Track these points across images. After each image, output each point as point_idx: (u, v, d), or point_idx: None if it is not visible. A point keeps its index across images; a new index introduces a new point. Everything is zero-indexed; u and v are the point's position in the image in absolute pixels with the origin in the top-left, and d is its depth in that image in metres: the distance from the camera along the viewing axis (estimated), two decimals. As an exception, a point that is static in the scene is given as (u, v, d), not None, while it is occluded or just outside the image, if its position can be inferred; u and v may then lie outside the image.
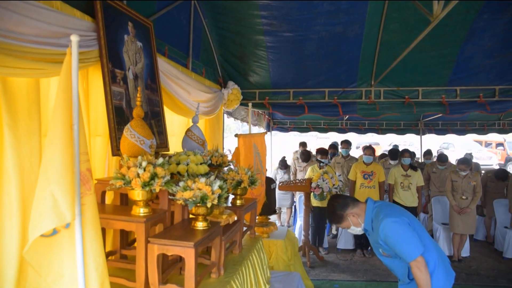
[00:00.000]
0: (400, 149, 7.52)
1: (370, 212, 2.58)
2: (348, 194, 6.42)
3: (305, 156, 7.46)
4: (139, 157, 1.98)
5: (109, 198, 2.57)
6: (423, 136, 11.02)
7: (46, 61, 1.96)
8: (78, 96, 1.53)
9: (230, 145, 8.14)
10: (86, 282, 1.56)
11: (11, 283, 1.80)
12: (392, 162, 7.29)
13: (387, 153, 8.16)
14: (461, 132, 10.76)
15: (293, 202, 7.86)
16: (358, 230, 2.65)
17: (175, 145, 3.67)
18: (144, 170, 1.92)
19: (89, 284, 1.58)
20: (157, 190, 2.00)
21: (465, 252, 6.23)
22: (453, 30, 4.59)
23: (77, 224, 1.51)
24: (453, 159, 8.49)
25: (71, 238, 1.54)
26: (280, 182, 6.06)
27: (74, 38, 1.50)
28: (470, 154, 8.36)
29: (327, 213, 2.77)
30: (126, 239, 2.60)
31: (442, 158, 7.39)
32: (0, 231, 1.79)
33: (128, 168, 1.94)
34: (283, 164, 8.13)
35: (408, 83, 5.65)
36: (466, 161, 6.07)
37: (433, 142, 8.40)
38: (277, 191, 6.34)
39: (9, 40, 1.73)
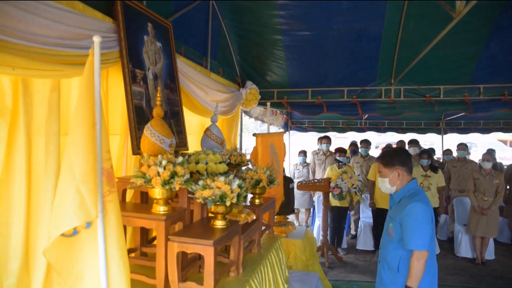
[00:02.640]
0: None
1: (408, 187, 2.56)
2: (368, 195, 6.35)
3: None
4: (159, 156, 2.01)
5: (128, 196, 2.61)
6: (444, 136, 10.78)
7: (66, 63, 2.01)
8: (100, 96, 1.56)
9: (247, 145, 8.15)
10: (109, 282, 1.58)
11: (14, 275, 1.85)
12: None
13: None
14: (485, 130, 10.48)
15: (311, 202, 7.82)
16: (388, 188, 2.61)
17: (192, 144, 3.70)
18: (164, 168, 1.95)
19: (112, 284, 1.59)
20: (177, 189, 2.02)
21: (490, 255, 6.07)
22: (477, 26, 4.48)
23: (100, 222, 1.53)
24: (476, 159, 8.28)
25: (92, 238, 1.55)
26: (298, 182, 6.03)
27: (96, 39, 1.52)
28: (493, 150, 8.13)
29: (389, 151, 2.72)
30: (146, 237, 2.64)
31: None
32: (8, 225, 1.84)
33: (149, 166, 1.97)
34: (304, 153, 8.19)
35: (429, 82, 5.54)
36: (491, 153, 5.95)
37: (455, 142, 8.21)
38: (296, 191, 6.31)
39: (32, 43, 1.77)
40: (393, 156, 2.61)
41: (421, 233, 2.38)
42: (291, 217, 7.43)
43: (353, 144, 8.29)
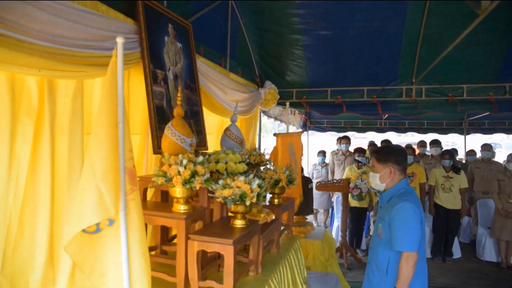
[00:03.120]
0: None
1: (398, 187, 2.51)
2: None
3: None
4: (180, 155, 2.02)
5: (148, 195, 2.64)
6: (467, 136, 10.51)
7: (89, 64, 2.05)
8: (123, 96, 1.58)
9: (265, 144, 8.13)
10: (131, 279, 1.60)
11: (40, 271, 1.90)
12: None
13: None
14: (510, 131, 10.18)
15: (330, 203, 7.76)
16: (377, 184, 2.56)
17: (211, 143, 3.72)
18: (185, 168, 1.96)
19: (133, 281, 1.61)
20: (197, 188, 2.03)
21: (515, 258, 5.89)
22: (503, 23, 4.35)
23: (122, 220, 1.56)
24: (500, 160, 8.05)
25: (114, 236, 1.58)
26: (317, 182, 5.99)
27: (119, 40, 1.55)
28: None
29: (386, 147, 2.68)
30: (167, 235, 2.67)
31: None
32: (34, 222, 1.89)
33: (170, 166, 1.99)
34: (323, 153, 8.15)
35: (452, 80, 5.40)
36: None
37: (478, 142, 8.00)
38: (314, 192, 6.28)
39: (57, 45, 1.83)
40: (389, 153, 2.55)
41: (410, 233, 2.31)
42: (310, 218, 7.39)
43: (372, 144, 8.19)
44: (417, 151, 7.84)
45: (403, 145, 9.02)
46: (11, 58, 1.62)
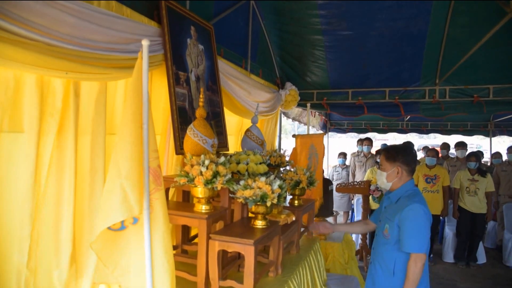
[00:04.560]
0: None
1: (406, 187, 2.48)
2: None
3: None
4: (202, 156, 2.05)
5: (170, 195, 2.68)
6: (493, 138, 10.21)
7: (114, 67, 2.10)
8: (148, 98, 1.62)
9: (284, 146, 8.13)
10: (154, 277, 1.63)
11: (63, 265, 1.96)
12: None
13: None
14: (539, 132, 9.85)
15: (350, 205, 7.69)
16: (383, 182, 2.53)
17: (230, 144, 3.74)
18: (207, 168, 1.98)
19: (156, 279, 1.63)
20: (219, 188, 2.05)
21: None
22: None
23: (146, 218, 1.59)
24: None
25: (138, 234, 1.61)
26: (337, 184, 5.94)
27: (145, 43, 1.58)
28: None
29: (396, 146, 2.65)
30: (187, 235, 2.70)
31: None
32: (58, 219, 1.95)
33: (192, 166, 2.02)
34: (344, 155, 8.08)
35: (477, 81, 5.26)
36: None
37: (505, 144, 7.77)
38: (334, 193, 6.23)
39: (84, 49, 1.88)
40: (398, 153, 2.51)
41: (420, 235, 2.29)
42: (329, 220, 7.32)
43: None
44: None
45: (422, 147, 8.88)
46: (41, 62, 1.67)
